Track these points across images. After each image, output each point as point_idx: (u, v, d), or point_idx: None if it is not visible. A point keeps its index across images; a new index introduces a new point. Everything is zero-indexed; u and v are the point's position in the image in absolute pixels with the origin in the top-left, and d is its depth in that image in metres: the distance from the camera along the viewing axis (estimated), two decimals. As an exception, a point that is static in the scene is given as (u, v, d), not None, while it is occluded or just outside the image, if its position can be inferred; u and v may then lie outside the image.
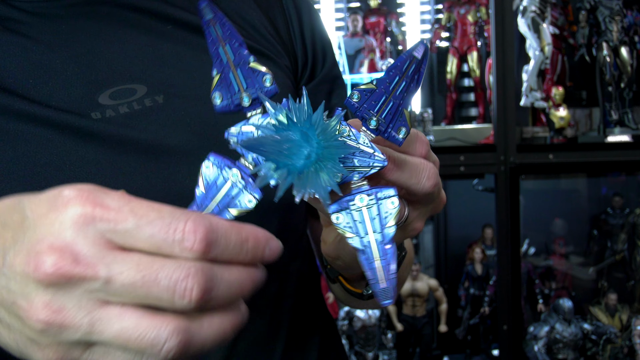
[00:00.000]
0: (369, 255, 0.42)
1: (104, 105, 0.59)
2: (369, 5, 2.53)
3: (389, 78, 0.43)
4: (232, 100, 0.44)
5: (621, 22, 2.11)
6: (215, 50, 0.43)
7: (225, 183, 0.43)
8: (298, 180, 0.40)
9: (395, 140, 0.44)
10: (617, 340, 2.05)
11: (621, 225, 2.31)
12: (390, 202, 0.42)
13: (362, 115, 0.43)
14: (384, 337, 2.17)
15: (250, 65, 0.43)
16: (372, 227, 0.42)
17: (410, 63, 0.42)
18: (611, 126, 2.11)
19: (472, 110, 2.54)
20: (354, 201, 0.42)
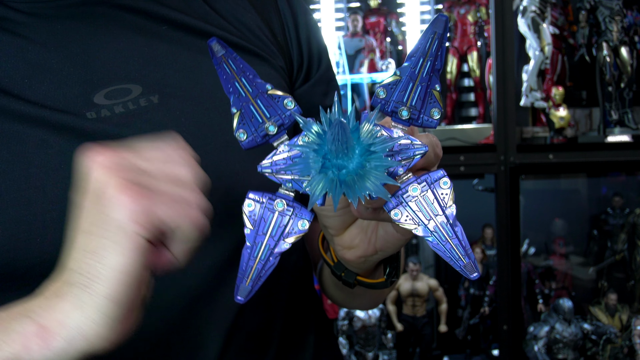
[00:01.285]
0: (440, 238, 0.42)
1: (99, 105, 0.59)
2: (369, 5, 2.53)
3: (412, 63, 0.43)
4: (257, 134, 0.43)
5: (621, 22, 2.11)
6: (231, 86, 0.43)
7: (273, 215, 0.43)
8: (348, 187, 0.39)
9: (430, 123, 0.44)
10: (617, 340, 2.05)
11: (621, 225, 2.31)
12: (442, 183, 0.43)
13: (392, 110, 0.43)
14: (384, 337, 2.17)
15: (269, 93, 0.43)
16: (432, 211, 0.43)
17: (432, 40, 0.42)
18: (611, 126, 2.11)
19: (472, 110, 2.54)
20: (408, 193, 0.42)
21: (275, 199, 0.43)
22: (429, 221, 0.42)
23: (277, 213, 0.43)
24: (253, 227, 0.43)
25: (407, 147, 0.42)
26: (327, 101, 0.76)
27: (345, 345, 2.14)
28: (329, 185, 0.39)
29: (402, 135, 0.42)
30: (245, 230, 0.43)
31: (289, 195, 0.44)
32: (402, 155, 0.42)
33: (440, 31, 0.42)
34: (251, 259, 0.43)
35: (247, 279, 0.43)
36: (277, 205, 0.43)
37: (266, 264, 0.43)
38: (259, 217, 0.43)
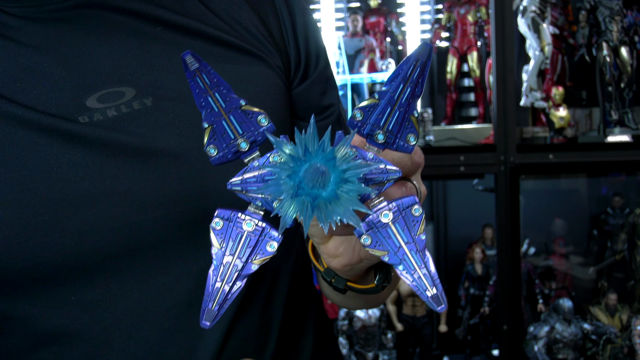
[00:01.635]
0: (408, 267, 0.42)
1: (91, 109, 0.59)
2: (369, 5, 2.53)
3: (391, 88, 0.42)
4: (228, 150, 0.42)
5: (621, 22, 2.11)
6: (203, 100, 0.42)
7: (241, 235, 0.42)
8: (319, 211, 0.39)
9: (405, 149, 0.43)
10: (617, 340, 2.05)
11: (621, 225, 2.31)
12: (414, 210, 0.42)
13: (368, 132, 0.43)
14: (384, 337, 2.17)
15: (243, 109, 0.42)
16: (402, 239, 0.42)
17: (414, 67, 0.41)
18: (611, 126, 2.11)
19: (472, 110, 2.54)
20: (379, 219, 0.42)
21: (245, 218, 0.42)
22: (398, 249, 0.42)
23: (245, 233, 0.42)
24: (220, 246, 0.42)
25: (380, 171, 0.42)
26: (324, 101, 0.75)
27: (345, 345, 2.14)
28: (300, 208, 0.39)
29: (376, 159, 0.42)
30: (213, 250, 0.42)
31: (258, 214, 0.43)
32: (374, 180, 0.42)
33: (424, 59, 0.41)
34: (218, 281, 0.42)
35: (212, 302, 0.41)
36: (245, 224, 0.42)
37: (233, 287, 0.42)
38: (227, 237, 0.42)
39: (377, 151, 0.43)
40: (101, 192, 0.58)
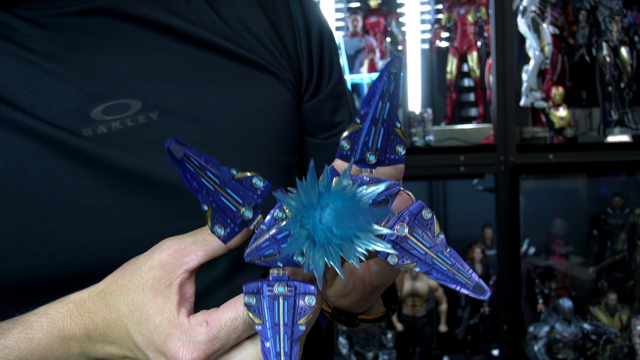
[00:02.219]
0: (440, 270, 0.42)
1: (96, 121, 0.58)
2: (369, 5, 2.53)
3: (371, 107, 0.42)
4: (234, 224, 0.42)
5: (621, 22, 2.11)
6: (197, 184, 0.41)
7: (278, 302, 0.41)
8: (345, 249, 0.39)
9: (397, 161, 0.44)
10: (617, 340, 2.05)
11: (621, 225, 2.31)
12: (424, 214, 0.42)
13: (359, 157, 0.43)
14: (384, 337, 2.17)
15: (236, 178, 0.41)
16: (425, 244, 0.42)
17: (389, 81, 0.42)
18: (611, 126, 2.11)
19: (472, 110, 2.54)
20: (272, 287, 0.41)
21: (274, 284, 0.42)
22: (425, 256, 0.42)
23: (281, 298, 0.41)
24: (262, 321, 0.41)
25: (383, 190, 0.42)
26: (335, 118, 0.73)
27: (345, 345, 2.14)
28: (326, 254, 0.39)
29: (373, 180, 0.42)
30: (257, 328, 0.41)
31: (284, 276, 0.42)
32: (379, 200, 0.42)
33: (397, 70, 0.41)
34: (276, 356, 0.41)
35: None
36: (277, 289, 0.41)
37: (292, 355, 0.41)
38: (264, 309, 0.41)
39: (370, 172, 0.43)
40: (101, 205, 0.57)
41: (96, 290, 0.48)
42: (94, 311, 0.47)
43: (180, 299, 0.45)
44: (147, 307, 0.44)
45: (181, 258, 0.45)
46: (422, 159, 2.01)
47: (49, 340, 0.47)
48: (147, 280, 0.45)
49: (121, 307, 0.46)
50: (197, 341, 0.43)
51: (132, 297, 0.45)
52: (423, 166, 2.01)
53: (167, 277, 0.45)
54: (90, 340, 0.47)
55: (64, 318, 0.47)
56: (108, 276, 0.48)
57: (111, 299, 0.46)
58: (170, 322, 0.44)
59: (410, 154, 2.03)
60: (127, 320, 0.45)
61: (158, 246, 0.46)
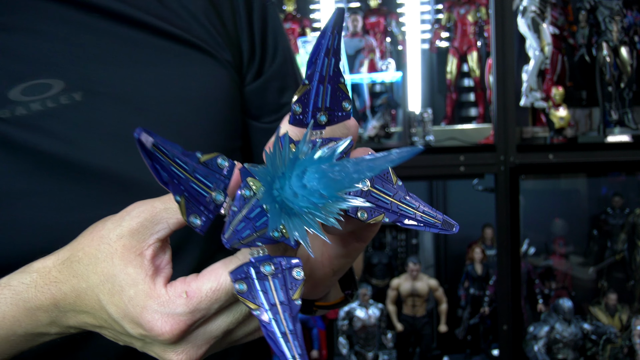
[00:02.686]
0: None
1: (14, 102, 0.55)
2: (369, 5, 2.53)
3: (317, 66, 0.40)
4: (208, 210, 0.40)
5: (621, 22, 2.11)
6: (167, 173, 0.38)
7: (269, 282, 0.39)
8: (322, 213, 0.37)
9: (344, 117, 0.42)
10: (617, 340, 2.05)
11: (621, 225, 2.31)
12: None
13: (311, 119, 0.41)
14: (384, 337, 2.17)
15: (202, 161, 0.39)
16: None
17: (332, 37, 0.40)
18: (611, 126, 2.11)
19: (472, 110, 2.54)
20: (259, 268, 0.40)
21: (259, 265, 0.40)
22: (390, 204, 0.41)
23: (270, 278, 0.40)
24: (259, 305, 0.39)
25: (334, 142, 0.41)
26: (282, 98, 0.70)
27: (345, 345, 2.14)
28: (305, 222, 0.37)
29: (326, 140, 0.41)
30: (255, 313, 0.39)
31: (265, 255, 0.40)
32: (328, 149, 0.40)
33: (339, 25, 0.40)
34: (281, 337, 0.39)
35: (295, 357, 0.38)
36: (265, 269, 0.40)
37: (297, 331, 0.39)
38: (257, 292, 0.39)
39: (320, 133, 0.42)
40: (19, 191, 0.55)
41: (61, 258, 0.45)
42: (61, 280, 0.44)
43: (155, 269, 0.43)
44: (119, 277, 0.42)
45: (152, 226, 0.43)
46: (422, 159, 2.01)
47: (14, 313, 0.45)
48: (116, 249, 0.42)
49: (91, 277, 0.43)
50: (176, 313, 0.41)
51: (101, 267, 0.43)
52: (423, 166, 2.01)
53: (137, 246, 0.42)
54: (59, 310, 0.45)
55: (28, 289, 0.45)
56: (72, 242, 0.46)
57: (79, 267, 0.44)
58: (146, 293, 0.41)
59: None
60: (99, 291, 0.43)
61: (127, 212, 0.43)
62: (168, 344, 0.42)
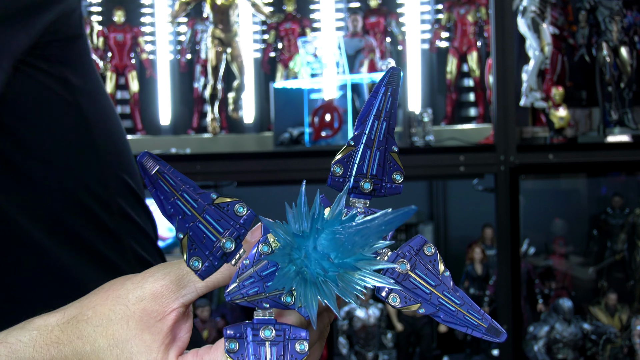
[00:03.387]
0: (448, 311, 0.37)
1: None
2: (369, 5, 2.53)
3: (366, 128, 0.38)
4: (214, 257, 0.37)
5: (621, 22, 2.11)
6: (172, 207, 0.36)
7: (264, 348, 0.37)
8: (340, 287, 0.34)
9: (395, 190, 0.39)
10: (617, 340, 2.05)
11: (621, 225, 2.31)
12: (427, 250, 0.38)
13: (353, 185, 0.38)
14: (384, 337, 2.17)
15: (215, 203, 0.37)
16: (430, 283, 0.38)
17: (386, 98, 0.37)
18: (611, 126, 2.11)
19: (472, 110, 2.54)
20: (258, 332, 0.37)
21: (259, 328, 0.37)
22: (430, 295, 0.37)
23: (268, 344, 0.36)
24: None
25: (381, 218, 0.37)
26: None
27: (345, 345, 2.14)
28: (319, 292, 0.34)
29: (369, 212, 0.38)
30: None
31: (270, 318, 0.37)
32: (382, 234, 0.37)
33: (394, 86, 0.37)
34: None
35: None
36: (263, 333, 0.37)
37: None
38: (250, 355, 0.36)
39: (365, 203, 0.39)
40: None
41: (67, 317, 0.42)
42: (63, 342, 0.41)
43: (172, 339, 0.39)
44: (131, 343, 0.39)
45: (177, 290, 0.39)
46: (422, 159, 2.01)
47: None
48: (134, 312, 0.39)
49: (98, 339, 0.40)
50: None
51: (113, 330, 0.40)
52: (423, 166, 2.01)
53: (159, 310, 0.39)
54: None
55: (26, 348, 0.41)
56: (82, 299, 0.42)
57: (86, 328, 0.40)
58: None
59: (410, 154, 2.03)
60: (105, 356, 0.40)
61: (151, 274, 0.40)
62: None
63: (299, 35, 2.49)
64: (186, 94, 2.63)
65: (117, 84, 2.51)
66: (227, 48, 2.33)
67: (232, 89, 2.44)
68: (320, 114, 2.21)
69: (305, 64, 2.31)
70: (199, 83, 2.55)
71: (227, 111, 2.49)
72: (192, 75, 2.60)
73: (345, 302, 0.35)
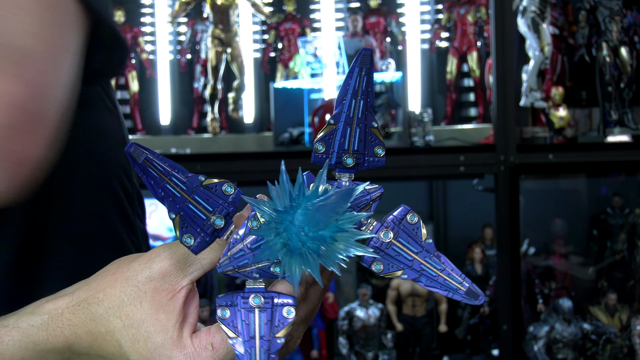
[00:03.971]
0: (429, 276, 0.40)
1: None
2: (369, 5, 2.53)
3: (344, 107, 0.40)
4: (205, 232, 0.39)
5: (621, 22, 2.11)
6: (162, 190, 0.39)
7: (254, 314, 0.40)
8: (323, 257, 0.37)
9: (377, 163, 0.42)
10: (617, 340, 2.05)
11: (621, 225, 2.31)
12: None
13: (336, 161, 0.41)
14: (384, 337, 2.17)
15: (204, 185, 0.40)
16: (412, 250, 0.40)
17: (361, 78, 0.40)
18: (611, 126, 2.11)
19: (472, 110, 2.54)
20: (248, 299, 0.40)
21: (249, 296, 0.40)
22: (412, 262, 0.40)
23: (257, 310, 0.39)
24: (237, 334, 0.39)
25: (363, 194, 0.41)
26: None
27: (345, 345, 2.14)
28: (304, 262, 0.37)
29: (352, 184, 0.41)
30: (230, 342, 0.39)
31: (259, 287, 0.40)
32: (360, 204, 0.40)
33: (367, 66, 0.40)
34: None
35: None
36: (253, 301, 0.40)
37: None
38: (240, 322, 0.39)
39: (350, 176, 0.41)
40: None
41: (76, 299, 0.43)
42: (76, 324, 0.42)
43: (185, 316, 0.42)
44: (147, 323, 0.41)
45: (185, 267, 0.42)
46: (422, 159, 2.01)
47: (23, 355, 0.43)
48: (145, 292, 0.41)
49: (113, 321, 0.42)
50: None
51: (127, 311, 0.41)
52: (423, 166, 2.01)
53: (169, 289, 0.41)
54: (71, 352, 0.43)
55: (39, 332, 0.43)
56: (87, 282, 0.44)
57: (98, 310, 0.42)
58: (173, 342, 0.41)
59: (410, 154, 2.03)
60: (120, 336, 0.41)
61: (157, 254, 0.42)
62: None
63: (299, 35, 2.49)
64: (186, 94, 2.63)
65: (117, 83, 2.51)
66: (227, 48, 2.33)
67: (232, 89, 2.44)
68: (320, 114, 2.21)
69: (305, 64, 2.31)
70: (199, 83, 2.55)
71: (227, 111, 2.49)
72: (192, 75, 2.60)
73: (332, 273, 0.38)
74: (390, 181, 2.20)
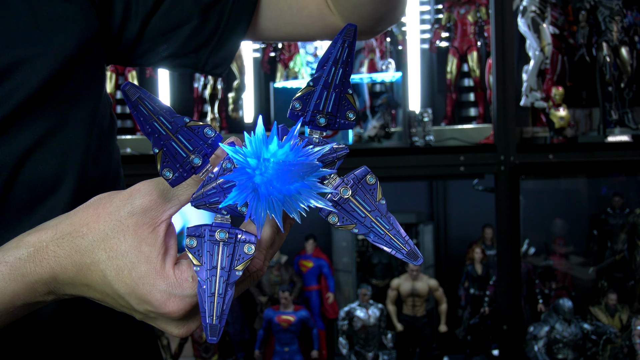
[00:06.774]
0: (377, 233, 0.44)
1: None
2: (369, 5, 2.52)
3: (324, 72, 0.44)
4: (183, 169, 0.43)
5: (621, 22, 2.11)
6: (149, 127, 0.43)
7: (217, 247, 0.44)
8: (288, 204, 0.41)
9: (347, 125, 0.46)
10: (617, 340, 2.05)
11: (621, 225, 2.31)
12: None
13: (310, 119, 0.45)
14: (384, 337, 2.17)
15: (188, 126, 0.43)
16: (366, 208, 0.44)
17: (342, 49, 0.44)
18: (611, 126, 2.11)
19: (472, 110, 2.54)
20: (214, 233, 0.44)
21: (215, 230, 0.44)
22: (364, 218, 0.44)
23: (221, 244, 0.43)
24: (201, 262, 0.43)
25: (330, 152, 0.44)
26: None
27: (345, 345, 2.14)
28: (269, 207, 0.41)
29: (322, 141, 0.45)
30: (194, 269, 0.43)
31: (226, 223, 0.44)
32: (326, 160, 0.44)
33: (350, 39, 0.43)
34: (210, 296, 0.43)
35: (212, 317, 0.43)
36: (218, 235, 0.43)
37: (226, 297, 0.43)
38: (204, 251, 0.43)
39: (320, 134, 0.45)
40: None
41: (60, 233, 0.45)
42: (61, 255, 0.45)
43: (166, 248, 0.44)
44: (130, 255, 0.44)
45: (164, 203, 0.45)
46: (422, 159, 2.01)
47: (13, 288, 0.45)
48: (128, 226, 0.44)
49: (97, 252, 0.44)
50: (184, 295, 0.44)
51: (111, 243, 0.44)
52: (423, 166, 2.01)
53: (150, 222, 0.44)
54: (57, 282, 0.46)
55: (26, 264, 0.45)
56: (69, 216, 0.46)
57: (82, 243, 0.45)
58: (157, 272, 0.44)
59: (410, 154, 2.03)
60: (105, 267, 0.44)
61: (137, 190, 0.45)
62: (172, 319, 0.45)
63: (299, 35, 2.49)
64: (186, 94, 2.63)
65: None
66: (227, 48, 2.33)
67: (232, 89, 2.44)
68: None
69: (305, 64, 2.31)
70: (199, 83, 2.55)
71: (227, 111, 2.49)
72: (192, 75, 2.60)
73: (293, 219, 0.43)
74: (390, 181, 2.20)
